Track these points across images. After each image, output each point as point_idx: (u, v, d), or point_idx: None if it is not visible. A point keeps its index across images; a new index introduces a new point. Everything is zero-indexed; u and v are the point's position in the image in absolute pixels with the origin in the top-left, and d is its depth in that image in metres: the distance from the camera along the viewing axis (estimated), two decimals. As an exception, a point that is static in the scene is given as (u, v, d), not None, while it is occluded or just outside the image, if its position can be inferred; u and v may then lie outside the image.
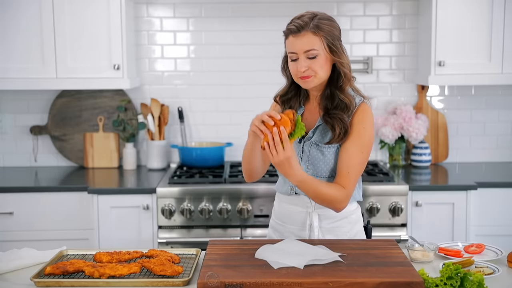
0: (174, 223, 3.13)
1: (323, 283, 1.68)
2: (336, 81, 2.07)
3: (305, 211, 2.15)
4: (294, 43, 2.00)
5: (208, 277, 1.71)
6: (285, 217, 2.20)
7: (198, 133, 3.82)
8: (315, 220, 2.13)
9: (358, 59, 3.76)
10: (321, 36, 1.99)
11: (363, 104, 2.08)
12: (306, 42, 1.98)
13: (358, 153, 2.04)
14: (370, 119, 2.07)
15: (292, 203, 2.17)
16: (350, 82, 2.07)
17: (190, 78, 3.79)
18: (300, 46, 1.99)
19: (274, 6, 3.68)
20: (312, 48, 1.99)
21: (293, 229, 2.18)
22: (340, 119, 2.04)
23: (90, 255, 2.03)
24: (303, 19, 2.00)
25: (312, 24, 1.98)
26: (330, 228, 2.16)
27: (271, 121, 1.89)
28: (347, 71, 2.05)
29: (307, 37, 1.98)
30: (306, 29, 1.98)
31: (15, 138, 3.80)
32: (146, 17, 3.74)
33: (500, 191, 3.21)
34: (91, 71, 3.39)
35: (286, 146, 1.88)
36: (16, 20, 3.34)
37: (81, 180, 3.43)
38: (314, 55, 1.99)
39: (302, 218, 2.16)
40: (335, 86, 2.07)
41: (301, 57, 2.00)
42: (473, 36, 3.38)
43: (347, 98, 2.05)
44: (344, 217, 2.16)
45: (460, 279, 1.69)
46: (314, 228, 2.13)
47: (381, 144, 3.73)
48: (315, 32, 1.98)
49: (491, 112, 3.81)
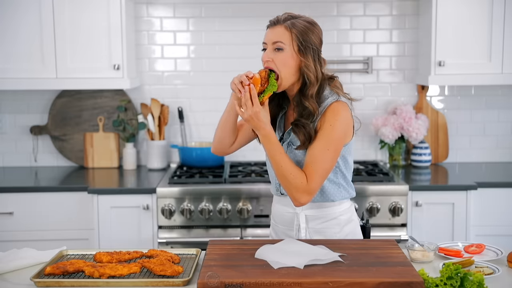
0: (174, 223, 3.13)
1: (323, 283, 1.68)
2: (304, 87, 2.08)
3: (292, 211, 2.16)
4: (267, 34, 2.09)
5: (208, 277, 1.71)
6: (276, 217, 2.24)
7: (198, 133, 3.82)
8: (302, 221, 2.15)
9: (358, 59, 3.76)
10: (293, 32, 2.04)
11: (334, 103, 2.05)
12: (276, 34, 2.06)
13: (323, 149, 2.01)
14: (339, 117, 2.03)
15: (281, 203, 2.20)
16: (313, 86, 2.05)
17: (190, 78, 3.79)
18: (270, 36, 2.07)
19: (274, 6, 3.68)
20: (279, 40, 2.05)
21: (283, 229, 2.21)
22: (303, 127, 2.04)
23: (90, 255, 2.03)
24: (283, 16, 2.09)
25: (289, 21, 2.06)
26: (318, 229, 2.15)
27: (247, 80, 1.99)
28: (312, 75, 2.04)
29: (279, 30, 2.06)
30: (281, 23, 2.07)
31: (15, 138, 3.80)
32: (146, 17, 3.74)
33: (500, 191, 3.21)
34: (91, 71, 3.39)
35: (254, 102, 1.98)
36: (16, 20, 3.34)
37: (81, 180, 3.43)
38: (280, 47, 2.04)
39: (290, 218, 2.18)
40: (302, 92, 2.08)
41: (269, 48, 2.07)
42: (473, 36, 3.38)
43: (311, 106, 2.04)
44: (333, 218, 2.15)
45: (460, 279, 1.69)
46: (301, 228, 2.15)
47: (381, 144, 3.73)
48: (287, 27, 2.05)
49: (491, 112, 3.81)
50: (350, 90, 2.36)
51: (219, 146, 2.24)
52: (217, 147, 2.25)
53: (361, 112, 3.71)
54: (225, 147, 2.24)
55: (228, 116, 2.17)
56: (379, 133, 3.67)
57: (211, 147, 2.28)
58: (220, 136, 2.21)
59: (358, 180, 3.18)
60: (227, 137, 2.21)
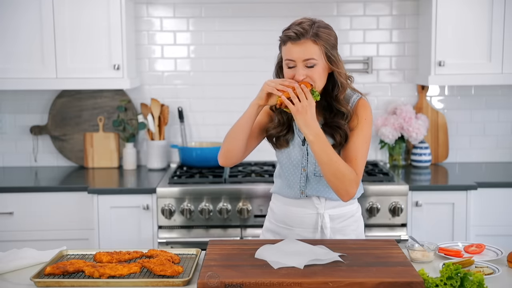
0: (174, 223, 3.13)
1: (323, 283, 1.68)
2: (332, 90, 2.06)
3: (315, 212, 2.15)
4: (293, 50, 1.98)
5: (208, 277, 1.71)
6: (292, 221, 2.18)
7: (198, 133, 3.82)
8: (327, 221, 2.14)
9: (358, 59, 3.76)
10: (321, 45, 1.97)
11: (361, 99, 2.11)
12: (306, 51, 1.96)
13: (363, 143, 2.06)
14: (369, 112, 2.10)
15: (301, 206, 2.16)
16: (345, 90, 2.07)
17: (190, 78, 3.79)
18: (299, 54, 1.97)
19: (274, 6, 3.68)
20: (311, 57, 1.97)
21: (302, 232, 2.16)
22: (338, 127, 2.05)
23: (90, 255, 2.03)
24: (303, 26, 1.97)
25: (312, 32, 1.96)
26: (339, 228, 2.17)
27: (294, 83, 1.93)
28: (344, 80, 2.05)
29: (307, 45, 1.96)
30: (307, 36, 1.96)
31: (15, 138, 3.80)
32: (146, 17, 3.74)
33: (500, 191, 3.21)
34: (91, 71, 3.39)
35: (308, 96, 1.91)
36: (16, 20, 3.34)
37: (81, 180, 3.43)
38: (313, 64, 1.97)
39: (313, 221, 2.15)
40: (331, 96, 2.07)
41: (299, 65, 1.98)
42: (473, 36, 3.38)
43: (344, 107, 2.06)
44: (352, 216, 2.19)
45: (460, 279, 1.69)
46: (326, 229, 2.14)
47: (381, 144, 3.73)
48: (315, 41, 1.96)
49: (491, 112, 3.81)
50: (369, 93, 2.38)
51: (231, 156, 2.08)
52: (228, 157, 2.09)
53: (361, 112, 3.72)
54: (238, 158, 2.09)
55: (245, 124, 2.03)
56: (379, 133, 3.67)
57: (220, 159, 2.11)
58: (235, 147, 2.06)
59: (358, 180, 3.18)
60: (242, 147, 2.07)
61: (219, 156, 2.11)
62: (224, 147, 2.09)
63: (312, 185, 2.13)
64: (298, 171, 2.14)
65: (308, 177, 2.13)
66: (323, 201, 2.14)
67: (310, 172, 2.13)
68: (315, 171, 2.12)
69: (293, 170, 2.15)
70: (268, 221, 2.29)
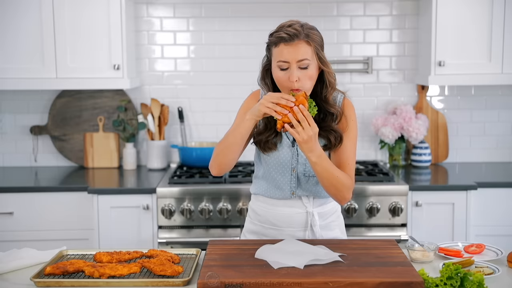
0: (174, 223, 3.13)
1: (323, 283, 1.68)
2: (320, 91, 2.07)
3: (304, 211, 2.15)
4: (287, 51, 1.96)
5: (208, 277, 1.71)
6: (280, 221, 2.16)
7: (198, 133, 3.82)
8: (316, 219, 2.14)
9: (358, 59, 3.76)
10: (313, 45, 1.97)
11: (346, 99, 2.13)
12: (300, 51, 1.95)
13: (353, 146, 2.10)
14: (355, 112, 2.14)
15: (289, 206, 2.16)
16: (333, 90, 2.07)
17: (190, 78, 3.79)
18: (293, 55, 1.95)
19: (274, 6, 3.68)
20: (305, 58, 1.96)
21: (292, 231, 2.16)
22: (332, 130, 2.06)
23: (90, 255, 2.03)
24: (295, 28, 1.96)
25: (304, 33, 1.96)
26: (325, 224, 2.18)
27: (291, 102, 1.89)
28: (333, 80, 2.05)
29: (300, 46, 1.96)
30: (300, 37, 1.95)
31: (15, 138, 3.80)
32: (146, 17, 3.74)
33: (500, 191, 3.21)
34: (91, 71, 3.40)
35: (311, 122, 1.89)
36: (16, 20, 3.34)
37: (81, 180, 3.43)
38: (307, 65, 1.97)
39: (303, 219, 2.15)
40: (320, 97, 2.07)
41: (293, 66, 1.96)
42: (473, 36, 3.38)
43: (333, 108, 2.07)
44: (335, 211, 2.23)
45: (460, 279, 1.69)
46: (315, 226, 2.14)
47: (381, 144, 3.73)
48: (308, 42, 1.96)
49: (491, 112, 3.81)
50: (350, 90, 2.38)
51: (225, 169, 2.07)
52: (222, 169, 2.07)
53: (361, 112, 3.71)
54: (231, 168, 2.10)
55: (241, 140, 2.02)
56: (379, 133, 3.67)
57: (212, 170, 2.08)
58: (229, 161, 2.05)
59: (358, 180, 3.18)
60: (236, 159, 2.07)
61: (211, 167, 2.09)
62: (218, 159, 2.06)
63: (303, 185, 2.13)
64: (288, 173, 2.12)
65: (298, 178, 2.13)
66: (311, 200, 2.15)
67: (300, 172, 2.12)
68: (305, 171, 2.12)
69: (282, 172, 2.13)
70: (250, 222, 2.25)
